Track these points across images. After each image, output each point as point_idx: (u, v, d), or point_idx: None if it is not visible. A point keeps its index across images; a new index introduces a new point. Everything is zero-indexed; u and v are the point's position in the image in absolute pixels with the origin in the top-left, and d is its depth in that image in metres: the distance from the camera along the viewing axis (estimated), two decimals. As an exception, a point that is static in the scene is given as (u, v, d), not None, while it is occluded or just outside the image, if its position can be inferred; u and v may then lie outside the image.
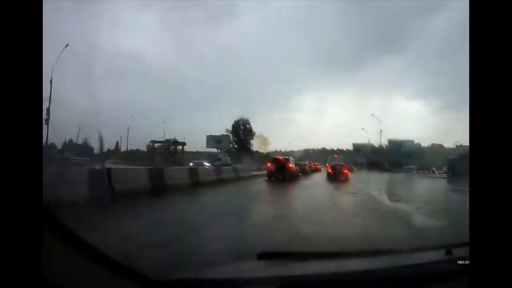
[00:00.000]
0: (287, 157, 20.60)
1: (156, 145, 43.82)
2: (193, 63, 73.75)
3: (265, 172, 23.59)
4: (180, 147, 45.92)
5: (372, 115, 44.62)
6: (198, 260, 3.31)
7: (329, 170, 22.01)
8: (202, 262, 3.00)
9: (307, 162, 29.49)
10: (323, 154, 43.54)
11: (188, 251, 3.78)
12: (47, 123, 19.38)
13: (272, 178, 18.42)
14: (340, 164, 23.09)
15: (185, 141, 43.92)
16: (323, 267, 1.80)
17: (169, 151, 43.55)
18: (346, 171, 22.02)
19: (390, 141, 45.77)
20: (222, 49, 71.75)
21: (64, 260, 1.08)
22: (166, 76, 62.34)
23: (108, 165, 11.18)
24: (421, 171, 35.28)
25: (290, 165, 19.03)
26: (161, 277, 1.45)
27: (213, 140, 46.40)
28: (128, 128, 37.82)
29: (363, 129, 47.06)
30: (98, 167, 9.57)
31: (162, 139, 43.41)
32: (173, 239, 4.36)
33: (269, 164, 20.41)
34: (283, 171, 18.37)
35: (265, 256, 1.79)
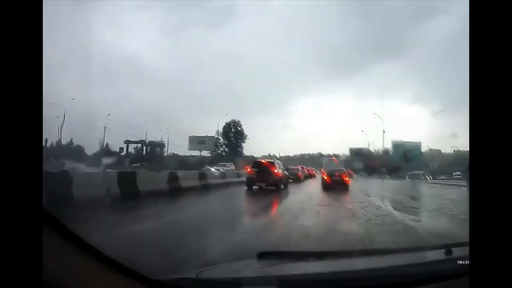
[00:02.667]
0: (271, 161, 18.00)
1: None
2: (189, 64, 74.79)
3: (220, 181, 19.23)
4: (158, 148, 45.67)
5: (374, 113, 45.55)
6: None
7: (325, 177, 19.35)
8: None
9: (299, 167, 27.76)
10: (319, 159, 43.55)
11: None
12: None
13: (253, 187, 15.99)
14: (338, 170, 20.36)
15: (181, 144, 44.09)
16: (323, 267, 1.95)
17: (146, 152, 43.21)
18: (347, 178, 19.30)
19: (394, 144, 46.08)
20: (219, 51, 73.79)
21: (64, 260, 1.16)
22: (161, 77, 62.54)
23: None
24: (429, 177, 34.87)
25: (276, 170, 16.53)
26: (161, 276, 1.55)
27: (196, 141, 46.15)
28: (104, 127, 37.64)
29: (362, 130, 47.35)
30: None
31: (149, 141, 43.38)
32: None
33: (248, 169, 17.46)
34: (266, 177, 15.92)
35: (265, 255, 1.92)
